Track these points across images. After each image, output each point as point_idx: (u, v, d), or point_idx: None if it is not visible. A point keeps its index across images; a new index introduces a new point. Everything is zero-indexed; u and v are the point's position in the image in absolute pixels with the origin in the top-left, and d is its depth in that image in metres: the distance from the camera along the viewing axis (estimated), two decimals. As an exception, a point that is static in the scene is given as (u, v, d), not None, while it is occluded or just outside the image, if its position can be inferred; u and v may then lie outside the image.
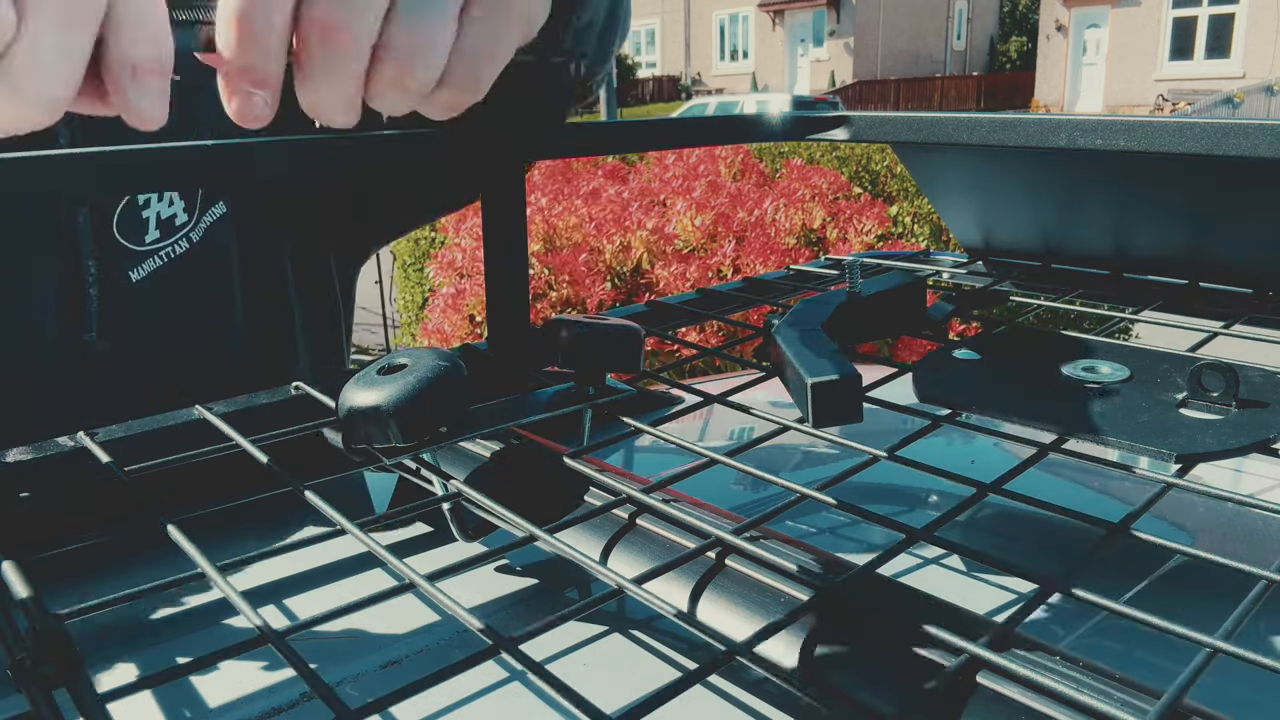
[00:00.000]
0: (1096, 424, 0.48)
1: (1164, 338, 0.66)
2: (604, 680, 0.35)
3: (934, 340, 0.66)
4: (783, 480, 0.47)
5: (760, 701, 0.44)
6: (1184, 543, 0.40)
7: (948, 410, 0.53)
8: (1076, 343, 0.61)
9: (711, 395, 0.59)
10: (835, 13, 27.34)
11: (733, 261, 2.88)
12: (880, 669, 0.35)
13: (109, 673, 0.50)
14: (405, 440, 0.47)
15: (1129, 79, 21.39)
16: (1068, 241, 0.84)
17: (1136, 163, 0.70)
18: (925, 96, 26.35)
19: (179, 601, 0.55)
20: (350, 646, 0.50)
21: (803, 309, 0.61)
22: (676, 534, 0.45)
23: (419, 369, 0.48)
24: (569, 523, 0.47)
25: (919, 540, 0.41)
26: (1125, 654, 0.48)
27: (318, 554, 0.62)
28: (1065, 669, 0.33)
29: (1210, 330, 0.65)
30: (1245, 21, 20.18)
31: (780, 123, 0.82)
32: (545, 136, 0.70)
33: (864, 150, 5.50)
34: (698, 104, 21.19)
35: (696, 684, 0.32)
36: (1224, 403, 0.49)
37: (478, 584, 0.57)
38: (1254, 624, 0.48)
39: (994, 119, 0.71)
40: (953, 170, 0.85)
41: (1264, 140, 0.58)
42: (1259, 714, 0.44)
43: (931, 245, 3.46)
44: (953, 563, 0.58)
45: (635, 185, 3.68)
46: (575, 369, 0.56)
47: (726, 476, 0.73)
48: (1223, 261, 0.77)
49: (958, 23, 29.97)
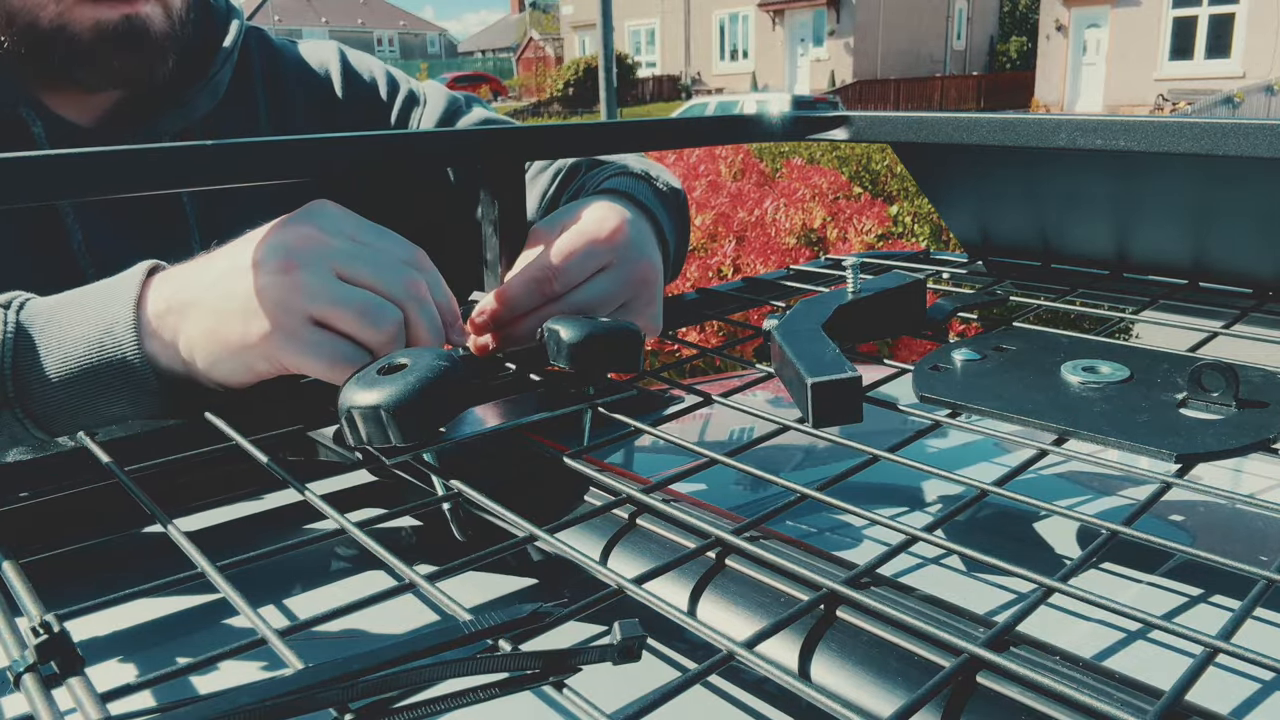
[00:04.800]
0: (1096, 424, 0.48)
1: (1164, 338, 0.66)
2: (604, 680, 0.35)
3: (934, 340, 0.66)
4: (783, 480, 0.47)
5: (760, 701, 0.44)
6: (1184, 543, 0.40)
7: (948, 410, 0.53)
8: (1076, 343, 0.61)
9: (711, 395, 0.59)
10: (835, 12, 27.33)
11: (733, 261, 2.88)
12: (880, 669, 0.35)
13: (109, 673, 0.50)
14: (405, 440, 0.47)
15: (1129, 79, 21.39)
16: (1068, 241, 0.84)
17: (1136, 163, 0.69)
18: (925, 96, 26.35)
19: (179, 601, 0.55)
20: (350, 647, 0.50)
21: (803, 309, 0.61)
22: (676, 534, 0.45)
23: (419, 368, 0.48)
24: (569, 523, 0.46)
25: (919, 540, 0.41)
26: (1125, 654, 0.48)
27: (318, 554, 0.62)
28: (1065, 669, 0.33)
29: (1210, 330, 0.65)
30: (1245, 21, 20.17)
31: (780, 123, 0.82)
32: (545, 136, 0.70)
33: (864, 150, 5.50)
34: (698, 104, 21.19)
35: (696, 684, 0.32)
36: (1224, 403, 0.49)
37: (478, 584, 0.57)
38: (1254, 624, 0.48)
39: (994, 119, 0.71)
40: (953, 170, 0.85)
41: (1264, 140, 0.57)
42: (1259, 714, 0.44)
43: (931, 245, 3.46)
44: (953, 563, 0.58)
45: (635, 185, 3.67)
46: (575, 369, 0.56)
47: (726, 476, 0.73)
48: (1223, 261, 0.77)
49: (958, 23, 29.97)
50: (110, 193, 0.51)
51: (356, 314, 0.56)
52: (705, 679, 0.33)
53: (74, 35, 0.80)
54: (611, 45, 11.05)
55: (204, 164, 0.55)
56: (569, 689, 0.31)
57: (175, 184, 0.61)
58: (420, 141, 0.62)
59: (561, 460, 0.51)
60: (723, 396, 0.58)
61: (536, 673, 0.31)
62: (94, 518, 0.54)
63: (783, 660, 0.37)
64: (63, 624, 0.32)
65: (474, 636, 0.32)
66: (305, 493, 0.47)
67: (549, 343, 0.57)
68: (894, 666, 0.35)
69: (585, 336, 0.55)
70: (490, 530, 0.57)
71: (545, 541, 0.42)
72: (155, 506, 0.45)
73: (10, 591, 0.39)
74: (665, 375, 0.64)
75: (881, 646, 0.36)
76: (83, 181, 0.51)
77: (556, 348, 0.56)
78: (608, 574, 0.39)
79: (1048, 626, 0.50)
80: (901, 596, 0.38)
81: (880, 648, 0.36)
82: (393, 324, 0.56)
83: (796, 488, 0.45)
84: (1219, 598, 0.54)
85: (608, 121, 0.73)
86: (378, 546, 0.41)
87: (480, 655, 0.31)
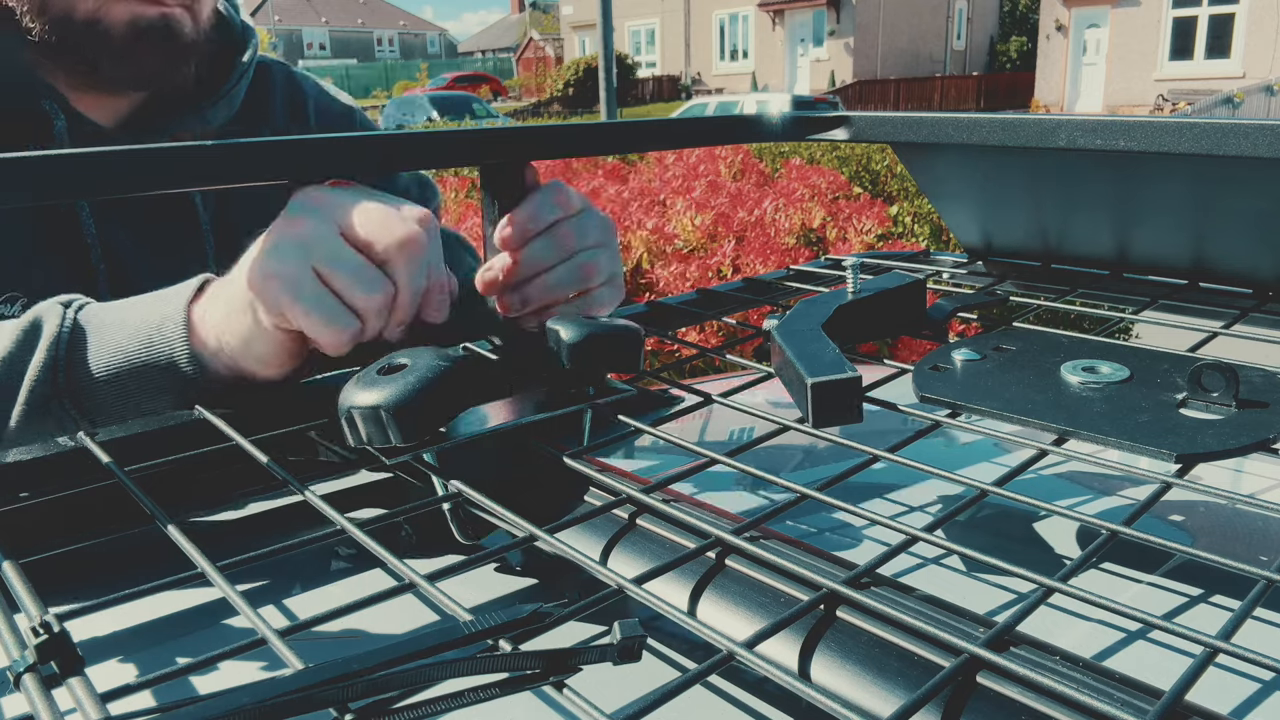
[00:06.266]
0: (1096, 424, 0.48)
1: (1164, 338, 0.66)
2: (604, 680, 0.35)
3: (934, 340, 0.66)
4: (783, 480, 0.47)
5: (760, 701, 0.44)
6: (1184, 543, 0.40)
7: (948, 410, 0.53)
8: (1076, 343, 0.61)
9: (711, 395, 0.59)
10: (835, 12, 27.33)
11: (733, 261, 2.88)
12: (880, 669, 0.35)
13: (109, 673, 0.50)
14: (405, 440, 0.47)
15: (1129, 79, 21.38)
16: (1067, 241, 0.84)
17: (1136, 163, 0.69)
18: (925, 96, 26.35)
19: (179, 601, 0.55)
20: (350, 647, 0.50)
21: (803, 309, 0.61)
22: (676, 534, 0.45)
23: (419, 368, 0.48)
24: (569, 523, 0.46)
25: (919, 540, 0.41)
26: (1125, 654, 0.48)
27: (318, 554, 0.62)
28: (1065, 669, 0.33)
29: (1210, 330, 0.65)
30: (1245, 21, 20.17)
31: (780, 123, 0.82)
32: (545, 136, 0.69)
33: (864, 150, 5.50)
34: (698, 104, 21.18)
35: (696, 684, 0.32)
36: (1224, 403, 0.49)
37: (478, 584, 0.57)
38: (1254, 624, 0.48)
39: (994, 119, 0.71)
40: (953, 170, 0.85)
41: (1264, 140, 0.57)
42: (1259, 714, 0.44)
43: (931, 245, 3.46)
44: (953, 563, 0.58)
45: (635, 185, 3.67)
46: (575, 369, 0.56)
47: (726, 476, 0.73)
48: (1223, 261, 0.77)
49: (958, 23, 29.96)
50: (121, 192, 0.52)
51: (351, 275, 0.58)
52: (705, 679, 0.33)
53: (108, 29, 0.82)
54: (611, 45, 11.05)
55: (211, 164, 0.56)
56: (569, 689, 0.31)
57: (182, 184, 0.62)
58: (422, 143, 0.62)
59: (561, 460, 0.51)
60: (723, 396, 0.58)
61: (536, 673, 0.31)
62: (94, 518, 0.54)
63: (783, 660, 0.37)
64: (63, 624, 0.32)
65: (474, 636, 0.32)
66: (305, 493, 0.47)
67: (549, 342, 0.57)
68: (894, 666, 0.35)
69: (585, 336, 0.55)
70: (490, 530, 0.57)
71: (545, 541, 0.42)
72: (155, 506, 0.45)
73: (10, 591, 0.39)
74: (665, 375, 0.64)
75: (881, 646, 0.36)
76: (93, 180, 0.52)
77: (556, 348, 0.56)
78: (608, 574, 0.39)
79: (1048, 626, 0.50)
80: (901, 596, 0.38)
81: (880, 648, 0.36)
82: (383, 293, 0.58)
83: (796, 488, 0.45)
84: (1219, 598, 0.54)
85: (608, 121, 0.73)
86: (378, 546, 0.41)
87: (480, 655, 0.31)
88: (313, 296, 0.58)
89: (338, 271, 0.58)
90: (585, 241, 0.71)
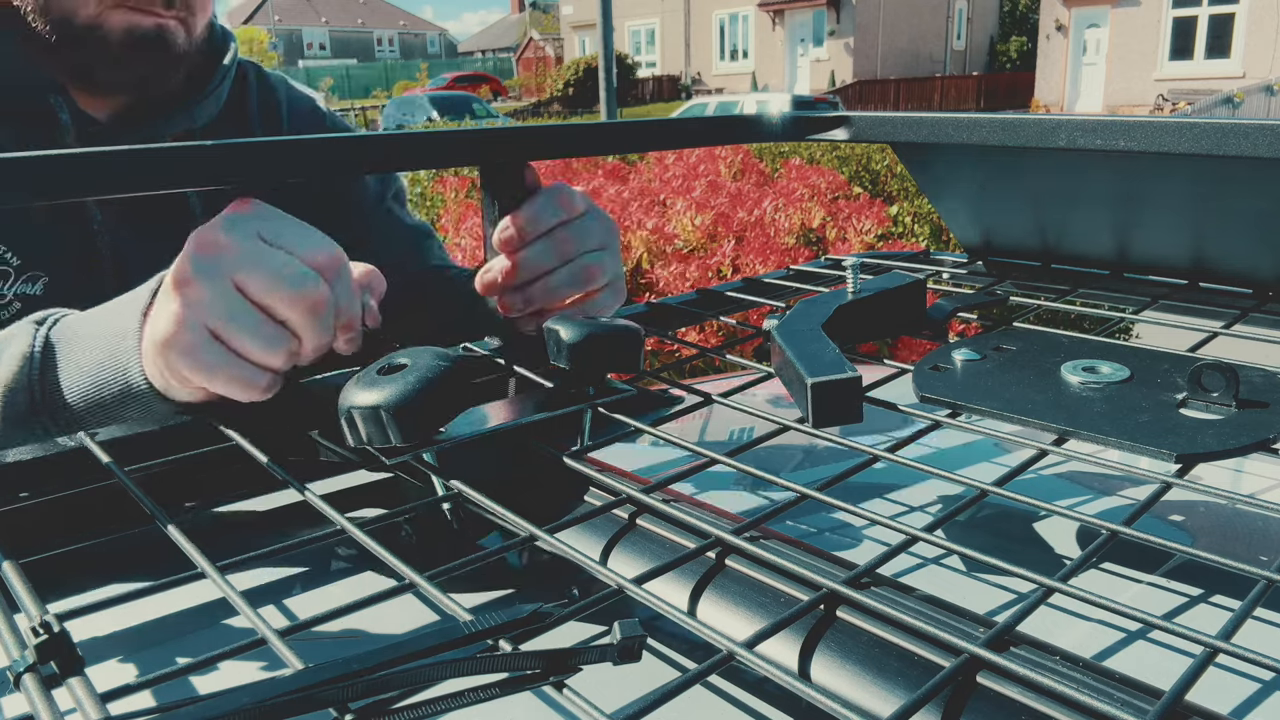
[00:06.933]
0: (1096, 424, 0.48)
1: (1164, 338, 0.66)
2: (604, 680, 0.35)
3: (934, 340, 0.66)
4: (783, 480, 0.47)
5: (760, 701, 0.44)
6: (1184, 543, 0.40)
7: (948, 410, 0.53)
8: (1076, 343, 0.61)
9: (711, 395, 0.59)
10: (835, 12, 27.32)
11: (733, 261, 2.88)
12: (880, 669, 0.35)
13: (109, 673, 0.50)
14: (405, 440, 0.47)
15: (1129, 79, 21.38)
16: (1067, 241, 0.84)
17: (1136, 163, 0.69)
18: (925, 96, 26.34)
19: (179, 601, 0.55)
20: (350, 647, 0.50)
21: (802, 309, 0.61)
22: (676, 534, 0.45)
23: (419, 368, 0.48)
24: (569, 523, 0.46)
25: (919, 540, 0.41)
26: (1125, 654, 0.48)
27: (318, 554, 0.62)
28: (1065, 669, 0.33)
29: (1210, 330, 0.65)
30: (1245, 21, 20.16)
31: (780, 123, 0.82)
32: (545, 136, 0.70)
33: (864, 150, 5.49)
34: (698, 104, 21.17)
35: (696, 684, 0.32)
36: (1224, 403, 0.49)
37: (478, 584, 0.57)
38: (1254, 624, 0.48)
39: (994, 119, 0.71)
40: (952, 170, 0.85)
41: (1264, 140, 0.57)
42: (1259, 714, 0.44)
43: (931, 245, 3.46)
44: (953, 563, 0.58)
45: (635, 185, 3.67)
46: (575, 369, 0.56)
47: (726, 476, 0.73)
48: (1223, 261, 0.77)
49: (958, 23, 29.95)
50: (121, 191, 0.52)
51: (249, 335, 0.54)
52: (705, 679, 0.33)
53: (105, 36, 0.84)
54: (611, 45, 11.05)
55: (212, 164, 0.56)
56: (569, 689, 0.31)
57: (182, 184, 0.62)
58: (422, 143, 0.62)
59: (561, 460, 0.51)
60: (723, 396, 0.58)
61: (536, 673, 0.31)
62: (94, 518, 0.54)
63: (783, 660, 0.37)
64: (63, 624, 0.32)
65: (474, 636, 0.32)
66: (305, 493, 0.47)
67: (549, 342, 0.57)
68: (894, 666, 0.35)
69: (585, 336, 0.55)
70: (490, 530, 0.57)
71: (545, 541, 0.42)
72: (155, 506, 0.45)
73: (10, 591, 0.39)
74: (665, 375, 0.64)
75: (881, 646, 0.36)
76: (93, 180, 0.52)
77: (556, 348, 0.56)
78: (608, 574, 0.39)
79: (1048, 626, 0.50)
80: (901, 596, 0.38)
81: (880, 648, 0.36)
82: (285, 348, 0.55)
83: (796, 488, 0.45)
84: (1219, 598, 0.54)
85: (608, 121, 0.73)
86: (378, 546, 0.41)
87: (480, 655, 0.31)
88: (212, 362, 0.54)
89: (236, 333, 0.54)
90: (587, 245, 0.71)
